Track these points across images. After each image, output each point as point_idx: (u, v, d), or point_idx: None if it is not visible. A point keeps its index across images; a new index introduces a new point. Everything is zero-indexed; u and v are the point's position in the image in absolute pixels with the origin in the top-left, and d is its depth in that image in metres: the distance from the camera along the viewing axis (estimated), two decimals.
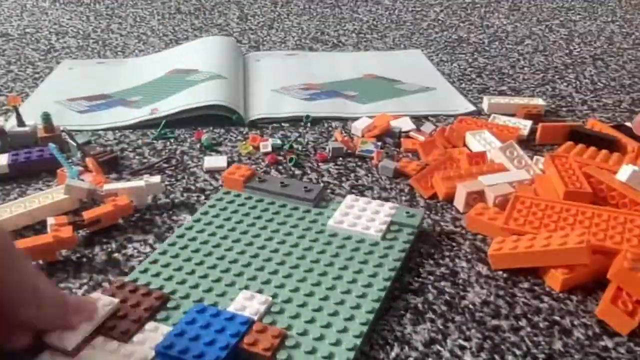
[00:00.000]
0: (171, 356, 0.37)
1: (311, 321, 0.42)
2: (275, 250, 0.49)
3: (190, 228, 0.52)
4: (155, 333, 0.40)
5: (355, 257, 0.48)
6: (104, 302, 0.41)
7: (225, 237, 0.51)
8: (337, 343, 0.39)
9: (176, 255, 0.48)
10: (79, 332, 0.38)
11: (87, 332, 0.39)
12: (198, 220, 0.53)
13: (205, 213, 0.54)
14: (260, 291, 0.45)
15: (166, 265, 0.47)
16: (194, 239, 0.50)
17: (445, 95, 0.86)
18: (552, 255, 0.46)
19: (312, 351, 0.39)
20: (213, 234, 0.51)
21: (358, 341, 0.40)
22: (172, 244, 0.50)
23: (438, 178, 0.59)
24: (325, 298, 0.44)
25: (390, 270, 0.46)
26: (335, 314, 0.42)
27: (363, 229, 0.50)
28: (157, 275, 0.46)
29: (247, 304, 0.43)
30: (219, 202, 0.56)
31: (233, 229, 0.52)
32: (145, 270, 0.46)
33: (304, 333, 0.40)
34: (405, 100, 0.84)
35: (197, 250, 0.49)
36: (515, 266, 0.48)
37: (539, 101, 0.79)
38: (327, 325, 0.41)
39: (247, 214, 0.54)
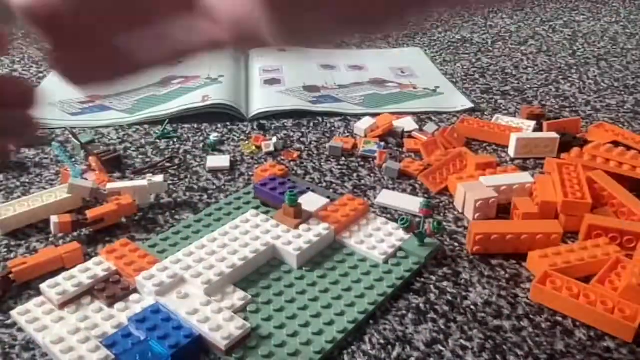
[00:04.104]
0: (140, 330, 0.40)
1: (280, 327, 0.42)
2: None
3: (209, 215, 0.55)
4: (136, 304, 0.43)
5: (350, 275, 0.47)
6: (103, 267, 0.46)
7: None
8: (296, 353, 0.39)
9: (186, 238, 0.51)
10: None
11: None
12: (219, 209, 0.56)
13: (229, 203, 0.57)
14: (245, 288, 0.45)
15: (174, 245, 0.51)
16: (208, 225, 0.53)
17: (445, 93, 0.86)
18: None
19: (269, 355, 0.39)
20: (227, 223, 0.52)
21: (317, 357, 0.39)
22: (187, 226, 0.53)
23: (453, 179, 0.59)
24: (304, 307, 0.44)
25: (379, 295, 0.45)
26: (306, 324, 0.42)
27: (368, 248, 0.49)
28: (162, 252, 0.50)
29: (227, 296, 0.44)
30: (245, 196, 0.58)
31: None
32: (154, 245, 0.51)
33: (268, 336, 0.41)
34: (413, 102, 0.83)
35: (204, 235, 0.50)
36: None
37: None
38: (294, 334, 0.41)
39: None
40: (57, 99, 0.82)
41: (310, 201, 0.54)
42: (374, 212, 0.56)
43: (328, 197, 0.55)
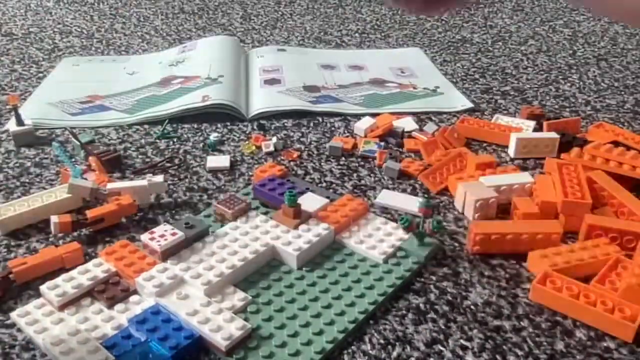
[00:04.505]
0: (140, 331, 0.40)
1: (281, 327, 0.42)
2: None
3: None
4: (136, 306, 0.43)
5: (350, 275, 0.47)
6: (102, 268, 0.46)
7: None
8: (297, 354, 0.40)
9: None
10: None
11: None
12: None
13: None
14: (245, 289, 0.45)
15: None
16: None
17: (445, 93, 0.86)
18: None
19: (269, 356, 0.39)
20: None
21: (318, 357, 0.40)
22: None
23: (453, 179, 0.59)
24: (305, 308, 0.44)
25: (379, 295, 0.45)
26: (306, 325, 0.42)
27: (368, 248, 0.49)
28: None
29: (227, 297, 0.44)
30: (244, 196, 0.58)
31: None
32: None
33: (269, 337, 0.41)
34: (413, 102, 0.83)
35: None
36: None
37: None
38: (294, 335, 0.41)
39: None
40: (57, 99, 0.82)
41: (310, 201, 0.54)
42: (374, 212, 0.56)
43: (327, 197, 0.55)
